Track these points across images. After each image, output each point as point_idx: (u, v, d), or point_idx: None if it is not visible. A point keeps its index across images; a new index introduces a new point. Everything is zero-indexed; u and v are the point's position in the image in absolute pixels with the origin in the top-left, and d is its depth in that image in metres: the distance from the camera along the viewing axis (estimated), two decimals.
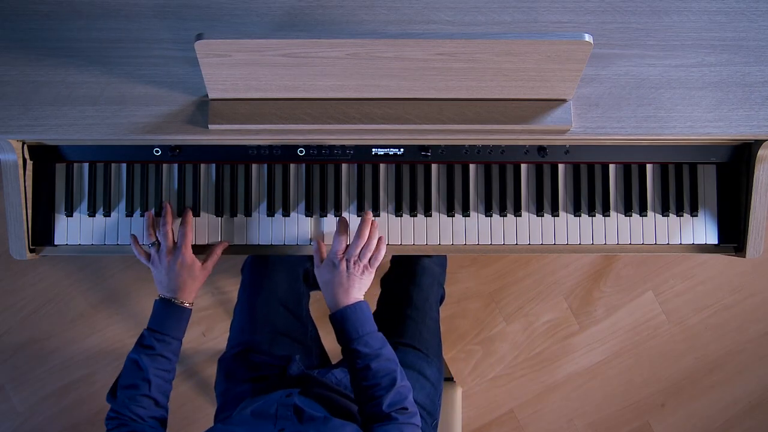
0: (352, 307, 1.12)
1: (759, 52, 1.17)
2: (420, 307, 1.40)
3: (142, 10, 1.17)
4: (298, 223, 1.25)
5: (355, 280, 1.14)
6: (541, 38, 0.99)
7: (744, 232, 1.24)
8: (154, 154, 1.22)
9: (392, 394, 1.06)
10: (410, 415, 1.06)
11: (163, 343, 1.12)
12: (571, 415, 2.04)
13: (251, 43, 0.99)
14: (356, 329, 1.10)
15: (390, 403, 1.05)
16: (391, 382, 1.07)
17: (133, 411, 1.07)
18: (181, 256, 1.17)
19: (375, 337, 1.12)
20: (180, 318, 1.15)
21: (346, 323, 1.11)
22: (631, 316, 2.04)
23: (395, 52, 1.01)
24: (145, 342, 1.13)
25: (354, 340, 1.10)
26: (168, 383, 1.13)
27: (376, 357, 1.09)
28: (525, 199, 1.26)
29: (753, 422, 2.05)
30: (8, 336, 1.99)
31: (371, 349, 1.09)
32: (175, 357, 1.14)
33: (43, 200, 1.23)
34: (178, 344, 1.15)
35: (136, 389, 1.09)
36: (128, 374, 1.11)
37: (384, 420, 1.04)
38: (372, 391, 1.07)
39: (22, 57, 1.14)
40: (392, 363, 1.10)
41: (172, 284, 1.16)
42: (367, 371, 1.07)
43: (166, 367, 1.12)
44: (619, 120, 1.14)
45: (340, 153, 1.23)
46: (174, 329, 1.14)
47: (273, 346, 1.31)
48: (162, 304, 1.16)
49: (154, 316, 1.15)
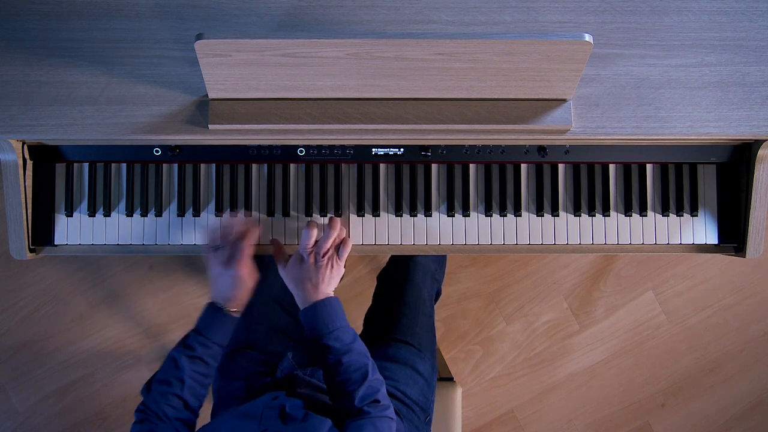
0: (322, 303, 1.12)
1: (759, 52, 1.17)
2: (412, 303, 1.41)
3: (142, 10, 1.17)
4: (298, 223, 1.25)
5: (325, 273, 1.14)
6: (541, 38, 0.99)
7: (744, 232, 1.24)
8: (154, 154, 1.22)
9: (364, 387, 1.05)
10: (383, 408, 1.05)
11: (204, 347, 1.11)
12: (571, 415, 2.04)
13: (251, 43, 0.99)
14: (326, 324, 1.10)
15: (362, 397, 1.04)
16: (362, 377, 1.06)
17: (161, 408, 1.06)
18: (237, 267, 1.14)
19: (346, 331, 1.11)
20: (224, 325, 1.14)
21: (316, 319, 1.11)
22: (631, 316, 2.04)
23: (395, 52, 1.01)
24: (188, 342, 1.12)
25: (325, 335, 1.09)
26: (203, 388, 1.11)
27: (348, 351, 1.08)
28: (525, 199, 1.26)
29: (753, 422, 2.05)
30: (8, 336, 1.99)
31: (342, 344, 1.09)
32: (214, 362, 1.13)
33: (43, 200, 1.23)
34: (219, 350, 1.13)
35: (169, 386, 1.07)
36: (165, 371, 1.10)
37: (357, 414, 1.03)
38: (344, 386, 1.06)
39: (22, 57, 1.14)
40: (363, 357, 1.09)
41: (226, 294, 1.15)
42: (338, 366, 1.07)
43: (203, 371, 1.11)
44: (619, 120, 1.14)
45: (340, 153, 1.23)
46: (217, 335, 1.13)
47: (268, 344, 1.31)
48: (210, 309, 1.15)
49: (202, 320, 1.14)
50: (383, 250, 1.25)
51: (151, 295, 2.00)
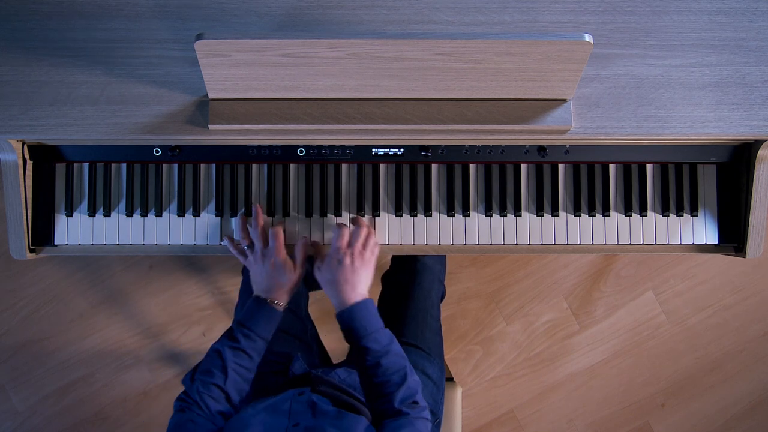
0: (359, 305, 1.12)
1: (759, 52, 1.17)
2: (421, 306, 1.40)
3: (142, 10, 1.17)
4: (298, 223, 1.25)
5: (361, 274, 1.14)
6: (541, 38, 0.99)
7: (744, 232, 1.24)
8: (154, 154, 1.22)
9: (403, 389, 1.06)
10: (421, 409, 1.06)
11: (249, 339, 1.12)
12: (571, 415, 2.04)
13: (251, 43, 0.99)
14: (364, 327, 1.10)
15: (401, 399, 1.05)
16: (401, 378, 1.07)
17: (203, 400, 1.06)
18: (274, 257, 1.17)
19: (383, 333, 1.12)
20: (270, 318, 1.15)
21: (354, 321, 1.11)
22: (631, 316, 2.04)
23: (395, 52, 1.01)
24: (233, 334, 1.12)
25: (363, 337, 1.10)
26: (246, 383, 1.12)
27: (386, 353, 1.09)
28: (525, 199, 1.26)
29: (753, 422, 2.05)
30: (8, 336, 1.99)
31: (380, 346, 1.09)
32: (257, 356, 1.13)
33: (43, 200, 1.23)
34: (263, 344, 1.14)
35: (212, 377, 1.08)
36: (209, 362, 1.10)
37: (395, 415, 1.04)
38: (382, 387, 1.07)
39: (22, 57, 1.14)
40: (402, 359, 1.10)
41: (266, 284, 1.16)
42: (377, 368, 1.07)
43: (247, 365, 1.11)
44: (619, 120, 1.14)
45: (340, 153, 1.23)
46: (262, 328, 1.13)
47: (274, 344, 1.31)
48: (255, 302, 1.16)
49: (246, 312, 1.15)
50: (383, 251, 1.25)
51: (151, 295, 2.00)
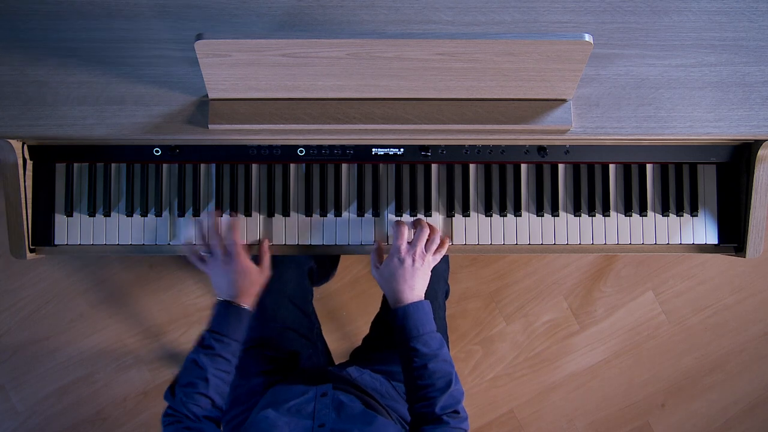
0: (415, 305, 1.12)
1: (759, 52, 1.17)
2: None
3: (142, 10, 1.17)
4: (298, 224, 1.25)
5: (420, 275, 1.15)
6: (541, 38, 0.99)
7: (744, 232, 1.24)
8: (154, 154, 1.22)
9: (446, 396, 1.06)
10: (461, 420, 1.06)
11: (222, 343, 1.12)
12: (571, 415, 2.04)
13: (251, 43, 0.99)
14: (417, 327, 1.11)
15: (443, 406, 1.05)
16: (446, 384, 1.07)
17: (190, 409, 1.06)
18: (235, 263, 1.16)
19: (434, 337, 1.12)
20: (239, 319, 1.14)
21: (407, 320, 1.11)
22: (631, 316, 2.04)
23: (395, 52, 1.01)
24: (205, 342, 1.12)
25: (414, 338, 1.10)
26: (226, 385, 1.12)
27: (434, 357, 1.09)
28: (525, 199, 1.26)
29: (753, 422, 2.05)
30: (8, 336, 1.99)
31: (430, 349, 1.09)
32: (234, 359, 1.13)
33: (43, 200, 1.23)
34: (238, 346, 1.14)
35: (194, 387, 1.08)
36: (187, 373, 1.10)
37: (435, 422, 1.04)
38: (426, 391, 1.07)
39: (22, 57, 1.14)
40: (449, 365, 1.10)
41: (230, 290, 1.16)
42: (423, 370, 1.08)
43: (225, 368, 1.11)
44: (619, 120, 1.14)
45: (340, 153, 1.23)
46: (233, 331, 1.13)
47: (282, 341, 1.32)
48: (221, 306, 1.15)
49: (215, 318, 1.15)
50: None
51: (151, 295, 2.00)
